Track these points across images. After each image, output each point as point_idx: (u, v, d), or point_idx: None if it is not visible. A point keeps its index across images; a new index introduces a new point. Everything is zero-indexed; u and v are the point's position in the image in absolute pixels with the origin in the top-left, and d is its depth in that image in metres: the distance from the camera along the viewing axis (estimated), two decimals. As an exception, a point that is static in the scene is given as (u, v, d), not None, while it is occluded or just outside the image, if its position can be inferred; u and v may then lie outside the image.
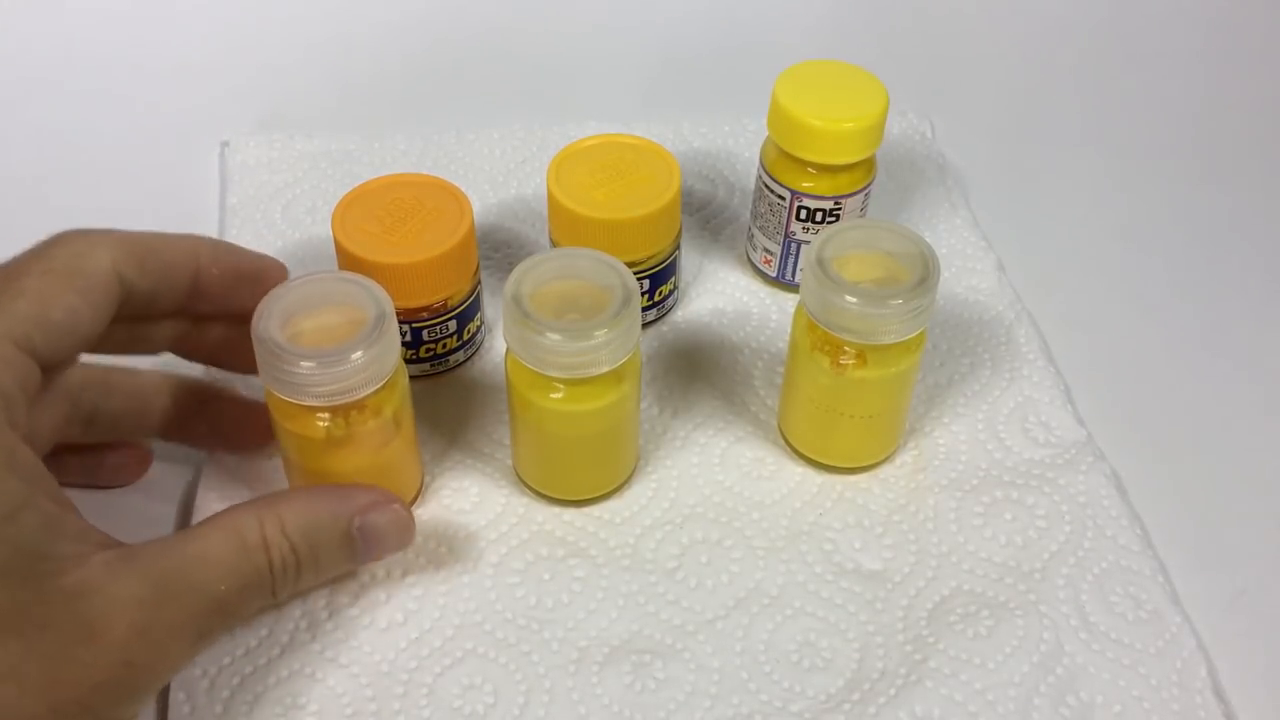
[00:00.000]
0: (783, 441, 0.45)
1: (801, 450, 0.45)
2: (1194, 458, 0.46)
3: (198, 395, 0.42)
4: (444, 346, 0.46)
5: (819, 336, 0.41)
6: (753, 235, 0.51)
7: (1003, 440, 0.46)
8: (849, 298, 0.39)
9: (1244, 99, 0.65)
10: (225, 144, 0.57)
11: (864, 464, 0.44)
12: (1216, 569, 0.43)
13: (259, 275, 0.40)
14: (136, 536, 0.42)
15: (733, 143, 0.59)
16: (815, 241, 0.40)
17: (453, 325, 0.46)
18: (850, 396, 0.42)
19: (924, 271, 0.39)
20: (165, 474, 0.44)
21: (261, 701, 0.37)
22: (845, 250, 0.40)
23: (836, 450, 0.44)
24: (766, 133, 0.48)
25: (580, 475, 0.43)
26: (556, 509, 0.43)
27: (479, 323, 0.47)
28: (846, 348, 0.41)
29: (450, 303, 0.45)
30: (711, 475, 0.44)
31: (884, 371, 0.41)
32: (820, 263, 0.40)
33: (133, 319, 0.38)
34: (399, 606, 0.40)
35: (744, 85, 0.54)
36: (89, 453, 0.42)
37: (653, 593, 0.41)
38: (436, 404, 0.46)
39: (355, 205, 0.45)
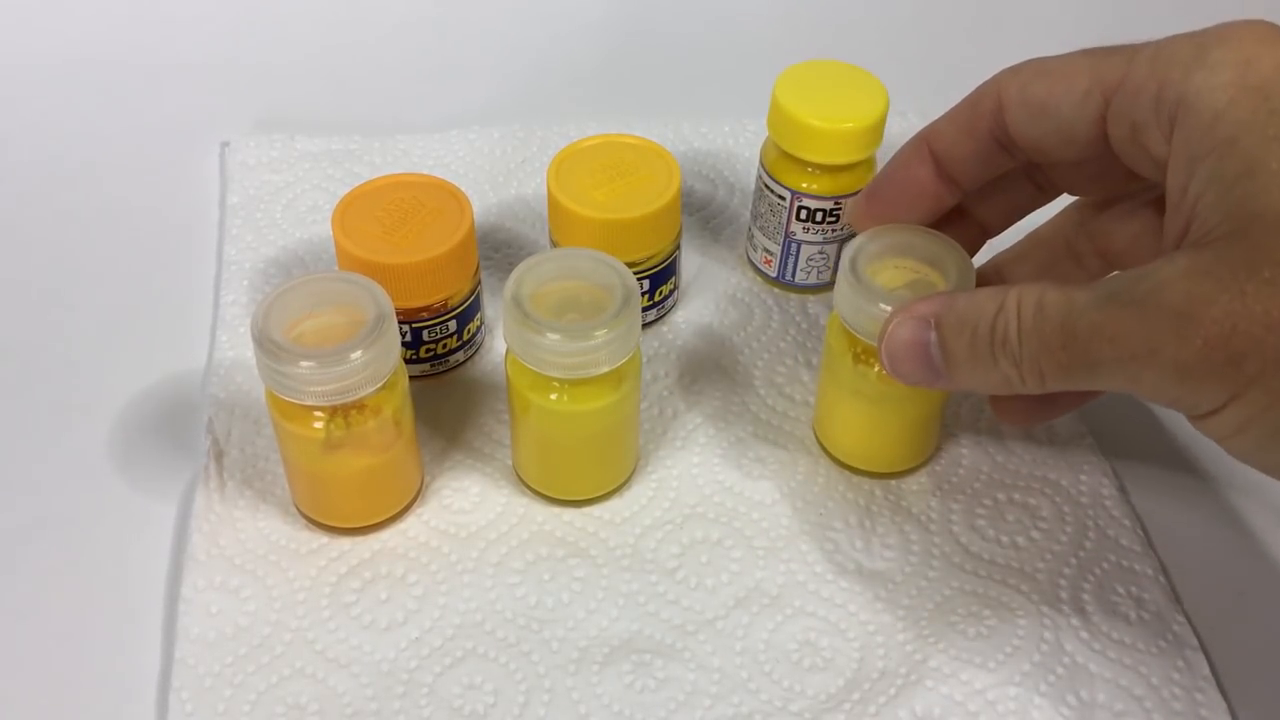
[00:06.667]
0: (823, 452, 0.45)
1: (848, 462, 0.44)
2: (1195, 458, 0.46)
3: None
4: (444, 346, 0.46)
5: (863, 347, 0.41)
6: (753, 235, 0.51)
7: (1004, 441, 0.46)
8: (883, 305, 0.38)
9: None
10: (225, 144, 0.57)
11: (912, 465, 0.44)
12: (1216, 569, 0.43)
13: None
14: (136, 536, 0.42)
15: (733, 143, 0.59)
16: (847, 251, 0.40)
17: (453, 325, 0.46)
18: (897, 403, 0.41)
19: (958, 279, 0.39)
20: (165, 474, 0.44)
21: (261, 701, 0.37)
22: (879, 258, 0.40)
23: (885, 457, 0.44)
24: (766, 133, 0.48)
25: (580, 475, 0.43)
26: (556, 509, 0.43)
27: (479, 323, 0.47)
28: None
29: (450, 303, 0.45)
30: (711, 475, 0.44)
31: None
32: (854, 273, 0.39)
33: None
34: (399, 606, 0.40)
35: (744, 85, 0.54)
36: None
37: (653, 592, 0.41)
38: (436, 404, 0.46)
39: (355, 205, 0.45)
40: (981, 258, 0.44)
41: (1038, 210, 0.43)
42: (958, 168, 0.40)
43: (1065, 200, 0.43)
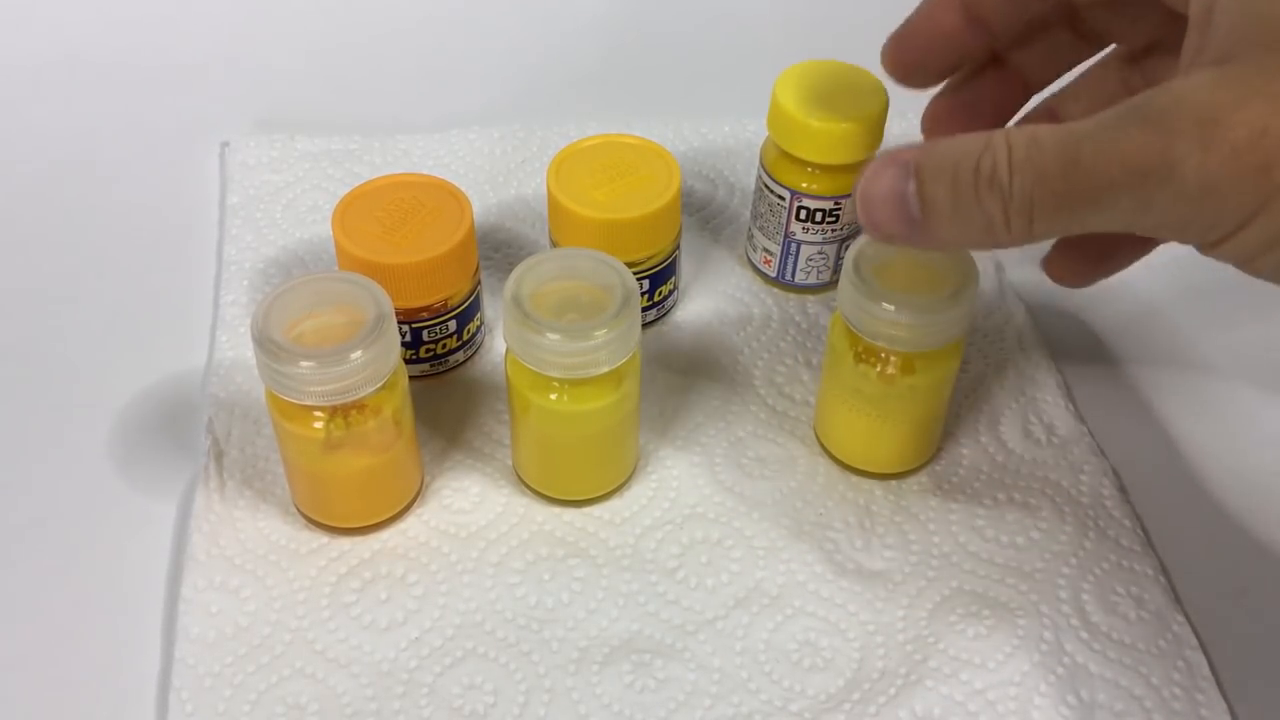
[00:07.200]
0: (823, 452, 0.45)
1: (849, 462, 0.44)
2: (1194, 457, 0.46)
3: None
4: (444, 346, 0.46)
5: (865, 347, 0.41)
6: (753, 235, 0.51)
7: (1004, 441, 0.46)
8: (887, 305, 0.38)
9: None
10: (225, 144, 0.57)
11: (913, 466, 0.44)
12: (1216, 569, 0.43)
13: None
14: (135, 535, 0.42)
15: (733, 143, 0.59)
16: (851, 251, 0.40)
17: (453, 325, 0.46)
18: (899, 402, 0.41)
19: (962, 278, 0.39)
20: (165, 474, 0.44)
21: (261, 701, 0.37)
22: (881, 257, 0.40)
23: (886, 457, 0.44)
24: (766, 133, 0.48)
25: (580, 475, 0.43)
26: (556, 509, 0.43)
27: (479, 323, 0.47)
28: (892, 356, 0.40)
29: (450, 303, 0.45)
30: (712, 475, 0.44)
31: (931, 376, 0.41)
32: (859, 273, 0.39)
33: None
34: (399, 606, 0.40)
35: (744, 85, 0.54)
36: None
37: (653, 593, 0.41)
38: (436, 404, 0.46)
39: (355, 205, 0.45)
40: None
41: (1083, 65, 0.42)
42: (989, 9, 0.38)
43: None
